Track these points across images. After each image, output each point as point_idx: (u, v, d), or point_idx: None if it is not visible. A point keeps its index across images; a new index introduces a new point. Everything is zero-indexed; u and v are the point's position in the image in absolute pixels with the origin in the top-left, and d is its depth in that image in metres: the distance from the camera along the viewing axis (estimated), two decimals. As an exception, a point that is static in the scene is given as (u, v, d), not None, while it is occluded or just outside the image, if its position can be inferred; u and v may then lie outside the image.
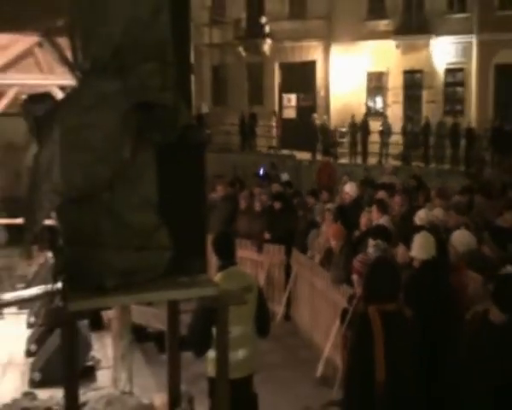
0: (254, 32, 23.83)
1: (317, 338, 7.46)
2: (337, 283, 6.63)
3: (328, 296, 7.06)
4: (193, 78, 3.06)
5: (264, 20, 23.68)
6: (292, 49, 23.61)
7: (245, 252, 8.86)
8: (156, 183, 2.69)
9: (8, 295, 4.43)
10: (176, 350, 3.49)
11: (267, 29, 23.76)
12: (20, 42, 8.20)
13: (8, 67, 8.52)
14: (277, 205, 9.13)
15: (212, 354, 3.80)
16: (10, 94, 8.70)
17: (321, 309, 7.41)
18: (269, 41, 23.89)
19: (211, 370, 3.95)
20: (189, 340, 3.94)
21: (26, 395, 4.87)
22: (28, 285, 7.26)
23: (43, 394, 4.93)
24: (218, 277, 4.01)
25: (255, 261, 9.08)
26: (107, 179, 2.57)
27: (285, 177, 12.64)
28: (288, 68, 24.10)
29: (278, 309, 8.61)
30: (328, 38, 22.76)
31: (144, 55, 2.67)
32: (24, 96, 9.69)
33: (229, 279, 3.99)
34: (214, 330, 3.44)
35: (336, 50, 22.65)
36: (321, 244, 7.78)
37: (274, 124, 22.93)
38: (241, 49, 24.46)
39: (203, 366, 4.23)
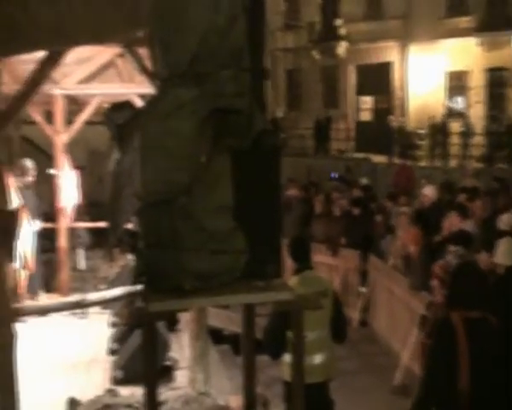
0: (329, 35, 23.68)
1: (394, 345, 7.29)
2: (415, 289, 6.44)
3: (406, 303, 6.88)
4: (268, 83, 3.07)
5: (338, 22, 23.48)
6: (367, 51, 23.25)
7: (320, 256, 8.80)
8: (232, 187, 2.73)
9: (92, 296, 4.63)
10: (251, 353, 3.51)
11: (342, 31, 23.54)
12: (103, 53, 8.57)
13: (92, 78, 8.94)
14: (356, 211, 9.03)
15: (287, 358, 3.79)
16: (94, 103, 9.11)
17: (399, 316, 7.24)
18: (344, 43, 23.66)
19: (286, 374, 3.95)
20: (264, 343, 3.96)
21: (108, 391, 5.07)
22: (110, 286, 7.57)
23: (124, 391, 5.12)
24: (293, 281, 4.00)
25: (330, 266, 9.01)
26: (185, 184, 2.63)
27: (364, 181, 12.42)
28: (363, 70, 23.75)
29: (353, 315, 8.49)
30: (405, 38, 22.24)
31: (220, 62, 2.72)
32: (106, 105, 10.17)
33: (305, 283, 3.97)
34: (290, 334, 3.44)
35: (414, 50, 22.08)
36: (397, 249, 7.60)
37: (345, 127, 22.64)
38: (315, 52, 24.37)
39: (279, 370, 4.24)
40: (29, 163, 8.17)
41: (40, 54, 3.98)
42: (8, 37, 3.54)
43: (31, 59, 5.66)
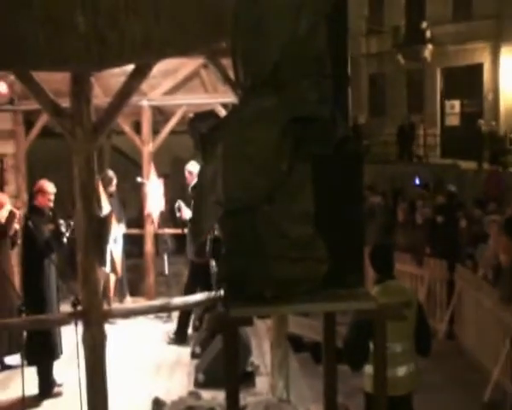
0: (414, 38, 23.07)
1: (483, 359, 6.95)
2: (506, 301, 6.12)
3: (496, 315, 6.55)
4: (350, 89, 3.05)
5: (424, 24, 22.84)
6: (455, 53, 22.42)
7: (404, 266, 8.56)
8: (314, 195, 2.72)
9: (176, 300, 4.76)
10: (332, 362, 3.48)
11: (428, 34, 22.87)
12: (188, 65, 8.84)
13: (177, 89, 9.24)
14: (440, 219, 8.72)
15: (369, 369, 3.72)
16: (179, 113, 9.41)
17: (488, 329, 6.90)
18: (430, 46, 22.97)
19: (368, 385, 3.87)
20: (344, 353, 3.90)
21: (191, 394, 5.19)
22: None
23: (206, 394, 5.22)
24: (375, 290, 3.93)
25: (415, 276, 8.75)
26: (267, 192, 2.66)
27: (451, 188, 11.96)
28: (450, 73, 22.92)
29: (440, 327, 8.18)
30: (496, 39, 21.26)
31: (302, 70, 2.73)
32: (190, 115, 10.42)
33: (388, 293, 3.88)
34: (372, 344, 3.38)
35: (507, 51, 21.05)
36: (488, 259, 7.25)
37: (430, 132, 21.91)
38: (399, 56, 23.84)
39: (360, 381, 4.16)
40: (111, 173, 8.56)
41: (129, 67, 4.16)
42: (100, 52, 3.74)
43: (120, 72, 5.95)
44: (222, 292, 2.91)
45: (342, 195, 2.82)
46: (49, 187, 5.86)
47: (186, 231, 7.60)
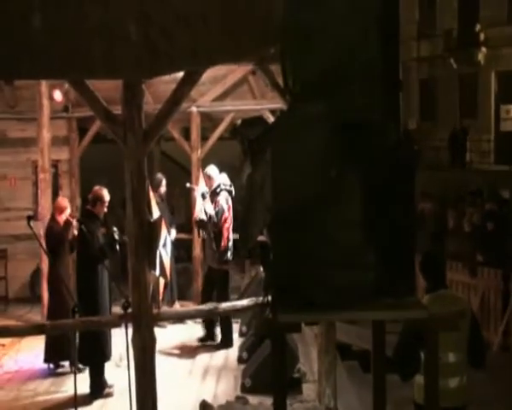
0: (467, 42, 22.50)
1: (540, 374, 6.68)
2: None
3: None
4: (401, 93, 3.00)
5: (478, 27, 22.25)
6: (511, 56, 21.75)
7: (455, 274, 8.34)
8: (364, 201, 2.69)
9: (224, 305, 4.79)
10: (381, 372, 3.41)
11: (482, 37, 22.27)
12: (237, 71, 8.92)
13: (226, 96, 9.33)
14: (490, 226, 8.45)
15: (420, 379, 3.63)
16: (227, 120, 9.50)
17: (545, 342, 6.62)
18: (483, 49, 22.36)
19: (418, 396, 3.78)
20: (394, 362, 3.82)
21: (238, 398, 5.21)
22: (241, 296, 7.79)
23: (253, 399, 5.23)
24: (426, 299, 3.83)
25: (467, 285, 8.50)
26: (316, 198, 2.64)
27: (503, 194, 11.58)
28: (506, 77, 22.21)
29: (494, 338, 7.92)
30: (554, 41, 20.50)
31: (352, 76, 2.71)
32: (238, 121, 10.48)
33: (439, 303, 3.78)
34: (422, 354, 3.30)
35: None
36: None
37: (484, 138, 21.28)
38: (452, 60, 23.30)
39: (410, 391, 4.07)
40: (160, 175, 8.71)
41: (179, 74, 4.23)
42: (151, 60, 3.82)
43: (171, 79, 6.06)
44: (270, 298, 2.91)
45: (393, 201, 2.77)
46: (107, 195, 6.02)
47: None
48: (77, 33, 3.69)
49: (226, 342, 7.10)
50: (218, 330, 7.24)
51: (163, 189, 8.60)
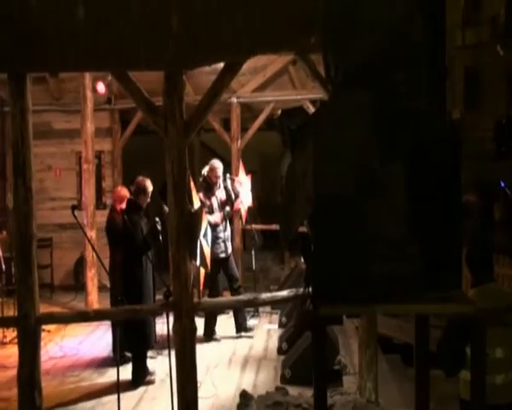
0: (514, 28, 21.80)
1: None
2: None
3: None
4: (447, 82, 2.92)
5: (526, 12, 21.52)
6: (560, 42, 20.95)
7: (502, 268, 8.11)
8: (409, 193, 2.63)
9: (264, 295, 4.79)
10: (424, 366, 3.35)
11: (530, 22, 21.54)
12: (277, 62, 8.88)
13: (266, 86, 9.31)
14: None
15: (465, 375, 3.55)
16: (267, 110, 9.48)
17: None
18: (532, 35, 21.63)
19: (464, 392, 3.69)
20: (438, 357, 3.75)
21: (278, 389, 5.21)
22: (280, 287, 7.80)
23: (292, 390, 5.22)
24: (472, 293, 3.74)
25: (514, 279, 8.27)
26: (358, 189, 2.60)
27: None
28: (555, 64, 21.44)
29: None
30: None
31: (396, 64, 2.65)
32: (278, 112, 10.39)
33: (486, 297, 3.68)
34: (468, 349, 3.22)
35: None
36: None
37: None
38: (498, 47, 22.61)
39: (454, 387, 3.99)
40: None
41: (220, 65, 4.23)
42: (192, 51, 3.83)
43: (211, 71, 6.08)
44: (310, 290, 2.89)
45: (439, 192, 2.70)
46: (150, 186, 6.08)
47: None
48: (120, 26, 3.74)
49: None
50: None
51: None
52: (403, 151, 2.66)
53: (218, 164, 7.34)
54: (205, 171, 7.32)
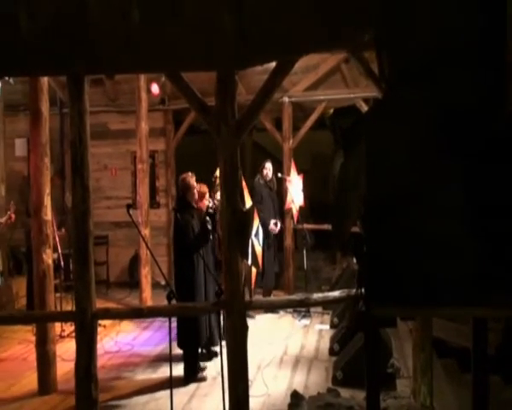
0: None
1: None
2: None
3: None
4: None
5: None
6: None
7: None
8: (467, 191, 2.55)
9: (315, 296, 4.76)
10: (482, 372, 3.24)
11: None
12: (329, 60, 8.81)
13: (318, 85, 9.24)
14: None
15: (525, 381, 3.42)
16: (319, 109, 9.41)
17: None
18: None
19: (524, 399, 3.56)
20: (497, 362, 3.63)
21: (330, 391, 5.17)
22: (332, 288, 7.73)
23: (344, 392, 5.17)
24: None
25: None
26: (413, 188, 2.54)
27: None
28: None
29: None
30: None
31: (453, 60, 2.57)
32: (330, 111, 10.30)
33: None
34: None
35: None
36: None
37: None
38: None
39: (513, 393, 3.85)
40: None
41: (271, 65, 4.23)
42: (245, 51, 3.84)
43: (263, 70, 6.08)
44: (363, 290, 2.84)
45: (500, 188, 2.59)
46: (193, 182, 6.13)
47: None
48: (173, 28, 3.79)
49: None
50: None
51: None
52: (460, 149, 2.58)
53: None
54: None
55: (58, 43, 3.79)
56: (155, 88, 9.18)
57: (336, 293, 4.83)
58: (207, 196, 6.35)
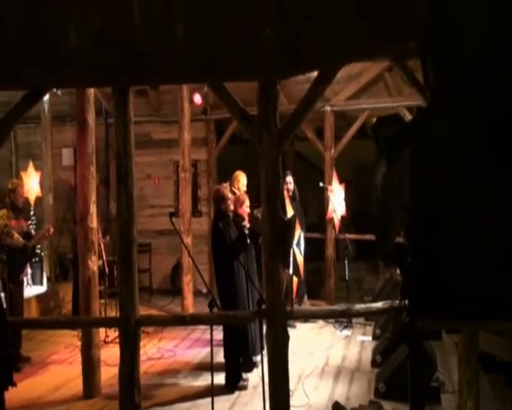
0: None
1: None
2: None
3: None
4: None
5: None
6: None
7: None
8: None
9: (358, 306, 4.71)
10: (531, 388, 3.14)
11: None
12: (372, 69, 8.73)
13: (360, 93, 9.17)
14: None
15: None
16: (362, 118, 9.33)
17: None
18: None
19: None
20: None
21: (372, 403, 5.09)
22: (375, 298, 7.63)
23: (386, 405, 5.08)
24: None
25: None
26: (460, 198, 2.49)
27: None
28: None
29: None
30: None
31: (501, 66, 2.51)
32: (373, 120, 10.19)
33: None
34: None
35: None
36: None
37: None
38: None
39: None
40: (290, 178, 8.75)
41: (313, 74, 4.23)
42: (286, 60, 3.86)
43: (305, 79, 6.08)
44: (407, 302, 2.79)
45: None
46: (226, 193, 6.22)
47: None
48: (215, 39, 3.85)
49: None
50: None
51: (289, 184, 8.60)
52: (508, 159, 2.52)
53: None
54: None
55: (105, 57, 3.89)
56: (198, 98, 9.30)
57: (379, 304, 4.76)
58: (247, 202, 6.41)
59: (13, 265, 6.60)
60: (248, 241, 6.04)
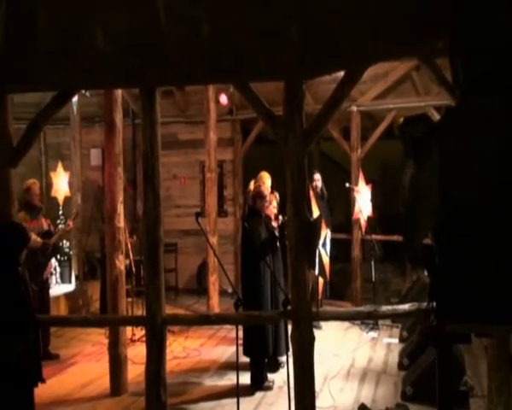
0: None
1: None
2: None
3: None
4: None
5: None
6: None
7: None
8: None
9: (384, 308, 4.66)
10: None
11: None
12: (399, 68, 8.64)
13: (387, 93, 9.08)
14: None
15: None
16: (388, 118, 9.24)
17: None
18: None
19: None
20: None
21: (398, 406, 5.03)
22: (402, 300, 7.54)
23: (413, 408, 5.02)
24: None
25: None
26: (489, 200, 2.45)
27: None
28: None
29: None
30: None
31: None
32: (400, 120, 10.06)
33: None
34: None
35: None
36: None
37: None
38: None
39: None
40: (318, 175, 8.70)
41: (340, 74, 4.20)
42: (313, 60, 3.84)
43: (331, 79, 6.04)
44: (435, 304, 2.76)
45: None
46: (266, 191, 6.17)
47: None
48: (240, 39, 3.85)
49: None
50: None
51: (317, 181, 8.55)
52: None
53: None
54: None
55: (132, 58, 3.93)
56: (224, 98, 9.33)
57: (406, 306, 4.69)
58: (275, 203, 6.38)
59: (33, 265, 6.59)
60: (278, 243, 6.04)
